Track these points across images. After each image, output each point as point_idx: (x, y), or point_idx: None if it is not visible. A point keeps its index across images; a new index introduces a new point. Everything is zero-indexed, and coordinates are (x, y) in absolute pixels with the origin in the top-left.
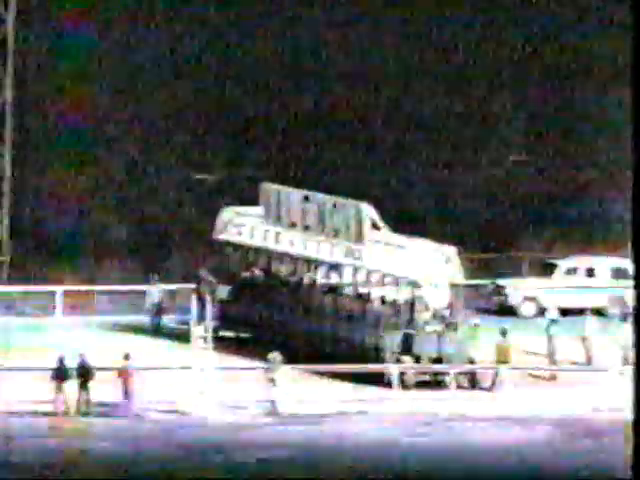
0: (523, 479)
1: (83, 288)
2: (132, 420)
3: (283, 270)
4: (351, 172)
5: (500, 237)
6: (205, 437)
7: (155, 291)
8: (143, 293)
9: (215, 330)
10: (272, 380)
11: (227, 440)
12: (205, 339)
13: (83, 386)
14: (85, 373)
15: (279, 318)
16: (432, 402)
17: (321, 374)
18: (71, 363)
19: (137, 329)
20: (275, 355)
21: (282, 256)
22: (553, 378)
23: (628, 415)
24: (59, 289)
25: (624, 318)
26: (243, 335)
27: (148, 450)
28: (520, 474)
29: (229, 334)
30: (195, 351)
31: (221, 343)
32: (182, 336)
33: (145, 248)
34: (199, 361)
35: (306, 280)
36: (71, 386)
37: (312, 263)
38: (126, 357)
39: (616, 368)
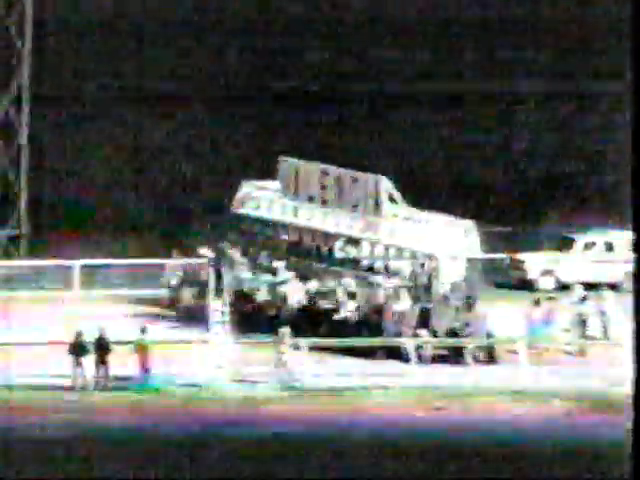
0: (539, 453)
1: (101, 262)
2: (150, 394)
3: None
4: (369, 146)
5: (519, 211)
6: (222, 411)
7: (176, 266)
8: (161, 267)
9: (232, 304)
10: (281, 353)
11: (244, 414)
12: (223, 313)
13: (101, 360)
14: (103, 347)
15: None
16: (449, 377)
17: (336, 348)
18: (89, 337)
19: (155, 303)
20: (284, 330)
21: (300, 230)
22: (583, 354)
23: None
24: (77, 263)
25: None
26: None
27: (166, 424)
28: (536, 448)
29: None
30: (212, 325)
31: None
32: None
33: (164, 223)
34: (216, 335)
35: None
36: (89, 360)
37: (330, 237)
38: (143, 331)
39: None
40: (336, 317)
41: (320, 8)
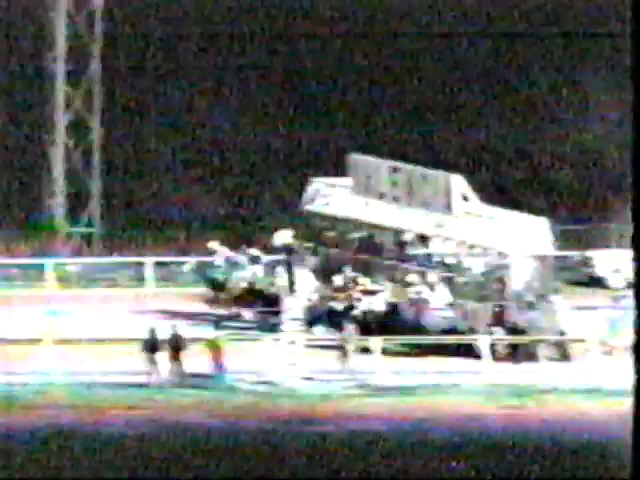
0: (610, 451)
1: (173, 259)
2: (223, 391)
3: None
4: (440, 143)
5: (590, 208)
6: (295, 408)
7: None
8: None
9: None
10: (346, 351)
11: (317, 411)
12: (297, 310)
13: (175, 357)
14: (177, 344)
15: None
16: (522, 374)
17: (409, 346)
18: (163, 334)
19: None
20: (349, 327)
21: (371, 227)
22: None
23: None
24: (149, 260)
25: None
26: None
27: (239, 422)
28: (608, 446)
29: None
30: (285, 322)
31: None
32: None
33: (234, 220)
34: (289, 332)
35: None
36: (163, 357)
37: (401, 234)
38: (215, 327)
39: None
40: (354, 313)
41: None
